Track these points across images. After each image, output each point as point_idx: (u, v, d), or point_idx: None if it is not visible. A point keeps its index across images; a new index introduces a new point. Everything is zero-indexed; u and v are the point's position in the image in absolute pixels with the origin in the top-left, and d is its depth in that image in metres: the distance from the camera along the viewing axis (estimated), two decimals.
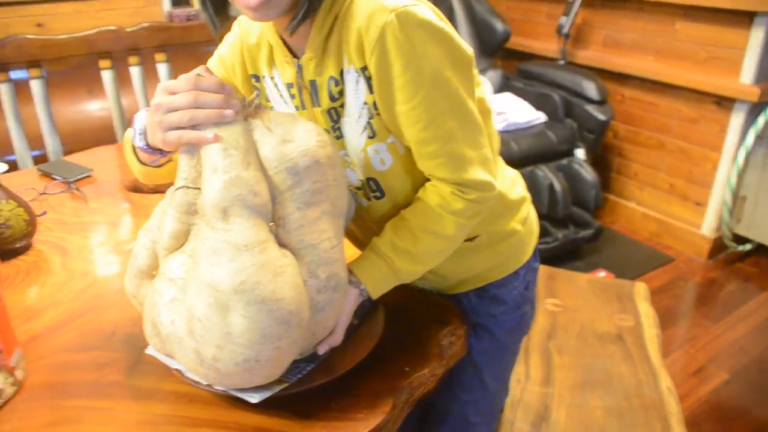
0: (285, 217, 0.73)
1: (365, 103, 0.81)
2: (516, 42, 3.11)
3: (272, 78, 0.88)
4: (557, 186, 2.51)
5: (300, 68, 0.83)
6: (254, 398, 0.74)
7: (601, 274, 2.51)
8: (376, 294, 0.86)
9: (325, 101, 0.83)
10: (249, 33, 0.90)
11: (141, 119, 0.81)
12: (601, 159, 3.00)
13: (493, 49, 2.96)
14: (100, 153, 1.79)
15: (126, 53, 2.70)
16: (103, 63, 2.64)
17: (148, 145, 0.81)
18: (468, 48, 0.82)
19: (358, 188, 0.90)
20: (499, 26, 2.90)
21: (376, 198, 0.90)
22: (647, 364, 1.53)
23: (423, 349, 0.90)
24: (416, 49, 0.75)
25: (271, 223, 0.72)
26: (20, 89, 2.51)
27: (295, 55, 0.85)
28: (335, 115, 0.84)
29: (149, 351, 0.83)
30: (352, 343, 0.85)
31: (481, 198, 0.84)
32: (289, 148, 0.73)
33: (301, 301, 0.71)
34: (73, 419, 0.79)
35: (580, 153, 2.67)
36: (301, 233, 0.74)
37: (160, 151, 0.82)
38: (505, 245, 0.98)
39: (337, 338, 0.81)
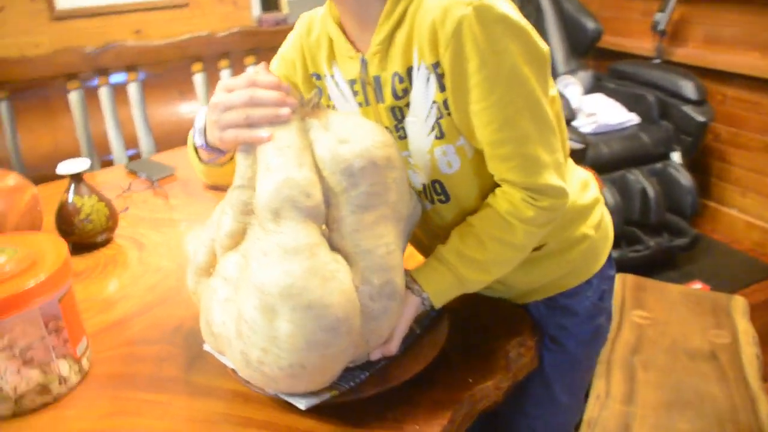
0: (339, 221, 0.71)
1: (434, 102, 0.77)
2: (608, 41, 2.96)
3: (332, 76, 0.86)
4: (650, 191, 2.36)
5: (365, 63, 0.80)
6: (302, 404, 0.72)
7: (697, 285, 2.34)
8: (439, 303, 0.82)
9: (389, 98, 0.80)
10: (310, 30, 0.88)
11: (201, 117, 0.81)
12: (699, 163, 2.80)
13: (584, 48, 2.84)
14: (184, 152, 1.84)
15: (217, 57, 2.80)
16: (195, 67, 2.75)
17: (206, 143, 0.81)
18: (544, 45, 0.77)
19: (421, 191, 0.86)
20: (590, 25, 2.77)
21: (441, 202, 0.86)
22: (744, 386, 1.40)
23: (489, 360, 0.85)
24: (494, 45, 0.71)
25: (324, 226, 0.70)
26: (117, 92, 2.65)
27: (357, 50, 0.82)
28: (399, 114, 0.81)
29: (206, 347, 0.83)
30: (412, 353, 0.81)
31: (553, 206, 0.78)
32: (344, 148, 0.70)
33: (350, 309, 0.68)
34: (131, 411, 0.80)
35: (676, 156, 2.50)
36: (356, 238, 0.71)
37: (219, 150, 0.82)
38: (576, 252, 0.91)
39: (393, 347, 0.78)
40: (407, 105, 0.80)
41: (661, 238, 2.43)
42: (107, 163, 2.62)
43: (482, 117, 0.75)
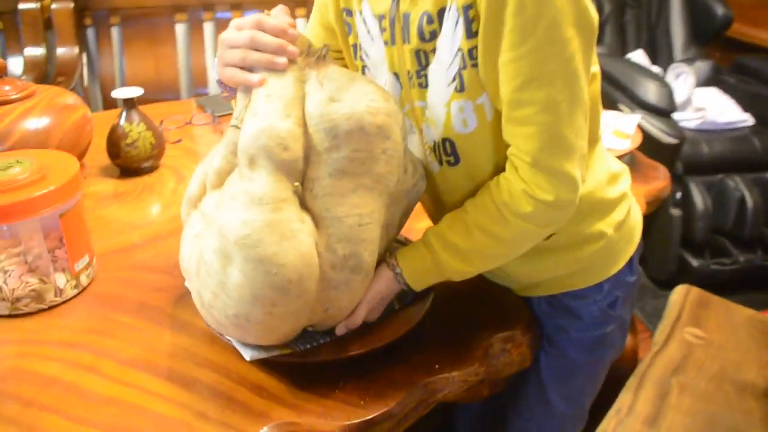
0: (315, 181, 0.68)
1: (459, 50, 0.70)
2: (738, 30, 2.66)
3: (361, 12, 0.81)
4: (749, 201, 2.13)
5: None
6: (247, 355, 0.72)
7: None
8: (415, 284, 0.78)
9: (414, 39, 0.74)
10: None
11: None
12: None
13: (708, 36, 2.58)
14: None
15: None
16: (299, 11, 2.77)
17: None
18: (595, 14, 0.68)
19: (432, 149, 0.80)
20: (720, 10, 2.51)
21: (449, 164, 0.79)
22: None
23: (465, 350, 0.81)
24: None
25: (297, 183, 0.67)
26: (221, 28, 2.72)
27: None
28: (424, 59, 0.75)
29: (186, 283, 0.84)
30: (380, 327, 0.78)
31: (558, 201, 0.70)
32: (333, 107, 0.67)
33: (305, 272, 0.66)
34: (108, 332, 0.83)
35: None
36: (328, 202, 0.68)
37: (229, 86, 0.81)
38: (588, 250, 0.83)
39: (357, 319, 0.75)
40: (434, 50, 0.73)
41: (754, 254, 2.20)
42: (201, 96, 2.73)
43: (508, 70, 0.67)
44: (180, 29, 2.76)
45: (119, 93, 1.24)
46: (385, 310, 0.80)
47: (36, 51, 2.37)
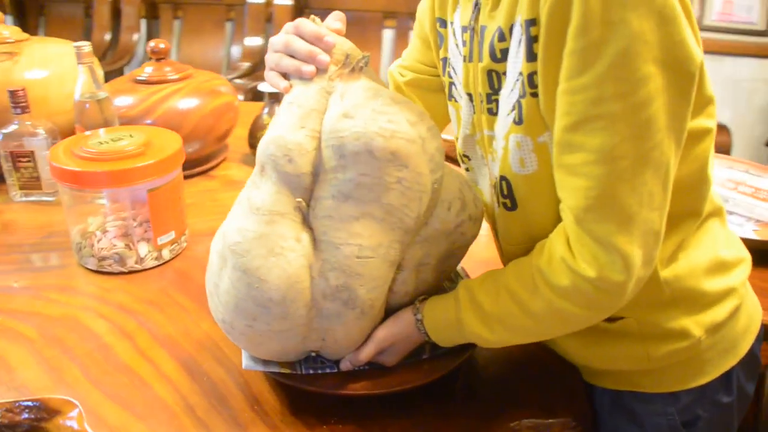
0: (318, 200, 0.65)
1: (520, 74, 0.61)
2: None
3: (452, 23, 0.73)
4: None
5: (477, 8, 0.67)
6: (245, 362, 0.71)
7: None
8: (436, 337, 0.69)
9: (486, 57, 0.65)
10: None
11: None
12: None
13: None
14: None
15: None
16: None
17: None
18: (698, 52, 0.54)
19: (493, 186, 0.71)
20: None
21: (506, 208, 0.69)
22: None
23: (483, 425, 0.70)
24: (609, 12, 0.51)
25: (300, 199, 0.64)
26: None
27: None
28: (496, 82, 0.65)
29: None
30: (391, 372, 0.72)
31: (602, 282, 0.57)
32: (344, 124, 0.63)
33: (288, 294, 0.62)
34: (161, 307, 0.89)
35: None
36: (326, 225, 0.64)
37: None
38: (664, 349, 0.68)
39: (360, 358, 0.70)
40: (505, 73, 0.64)
41: None
42: None
43: (562, 103, 0.56)
44: (387, 34, 2.87)
45: (265, 86, 1.31)
46: (412, 355, 0.73)
47: (255, 41, 2.63)
